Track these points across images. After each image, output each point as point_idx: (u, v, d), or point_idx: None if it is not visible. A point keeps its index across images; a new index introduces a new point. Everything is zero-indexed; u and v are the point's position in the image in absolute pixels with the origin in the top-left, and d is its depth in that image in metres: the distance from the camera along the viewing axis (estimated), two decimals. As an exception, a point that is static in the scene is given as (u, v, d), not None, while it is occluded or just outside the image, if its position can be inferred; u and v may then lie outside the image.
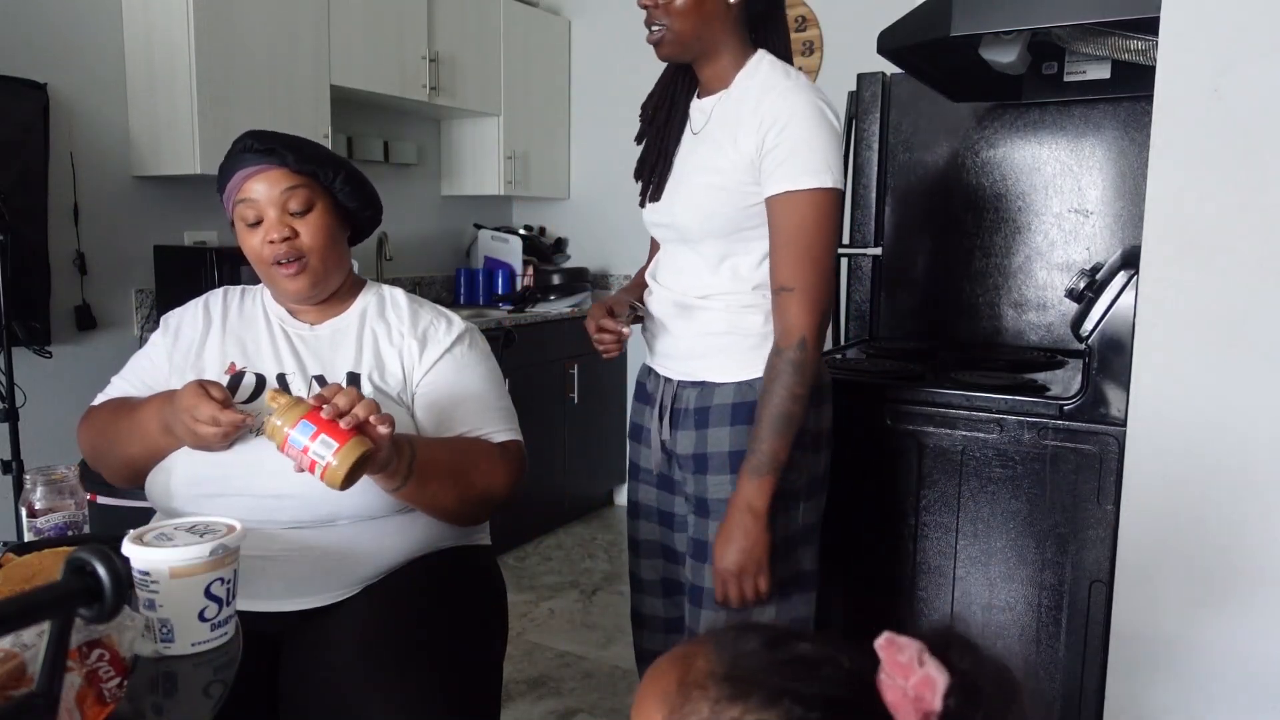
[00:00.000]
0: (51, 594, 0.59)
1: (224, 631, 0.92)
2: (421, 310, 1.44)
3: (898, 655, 0.47)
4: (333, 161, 1.37)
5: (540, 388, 3.46)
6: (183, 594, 0.88)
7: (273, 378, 1.33)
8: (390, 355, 1.37)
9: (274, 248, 1.31)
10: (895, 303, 2.41)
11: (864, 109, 2.38)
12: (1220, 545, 1.36)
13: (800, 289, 1.30)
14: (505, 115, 3.69)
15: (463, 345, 1.41)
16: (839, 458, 1.48)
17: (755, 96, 1.35)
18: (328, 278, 1.38)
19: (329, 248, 1.35)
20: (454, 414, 1.35)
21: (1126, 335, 1.46)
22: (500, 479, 1.31)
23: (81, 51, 2.57)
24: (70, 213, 2.54)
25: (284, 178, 1.31)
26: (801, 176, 1.29)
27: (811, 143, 1.30)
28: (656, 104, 1.50)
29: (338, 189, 1.37)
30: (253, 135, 1.33)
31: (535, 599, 3.01)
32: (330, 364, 1.36)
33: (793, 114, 1.30)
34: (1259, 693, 1.36)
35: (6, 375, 2.15)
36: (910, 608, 1.72)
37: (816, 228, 1.30)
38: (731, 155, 1.35)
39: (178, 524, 0.96)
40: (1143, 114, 2.08)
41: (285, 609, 1.23)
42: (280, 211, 1.31)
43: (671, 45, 1.38)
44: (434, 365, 1.37)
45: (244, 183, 1.32)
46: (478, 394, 1.38)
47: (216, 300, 1.45)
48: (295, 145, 1.33)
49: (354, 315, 1.42)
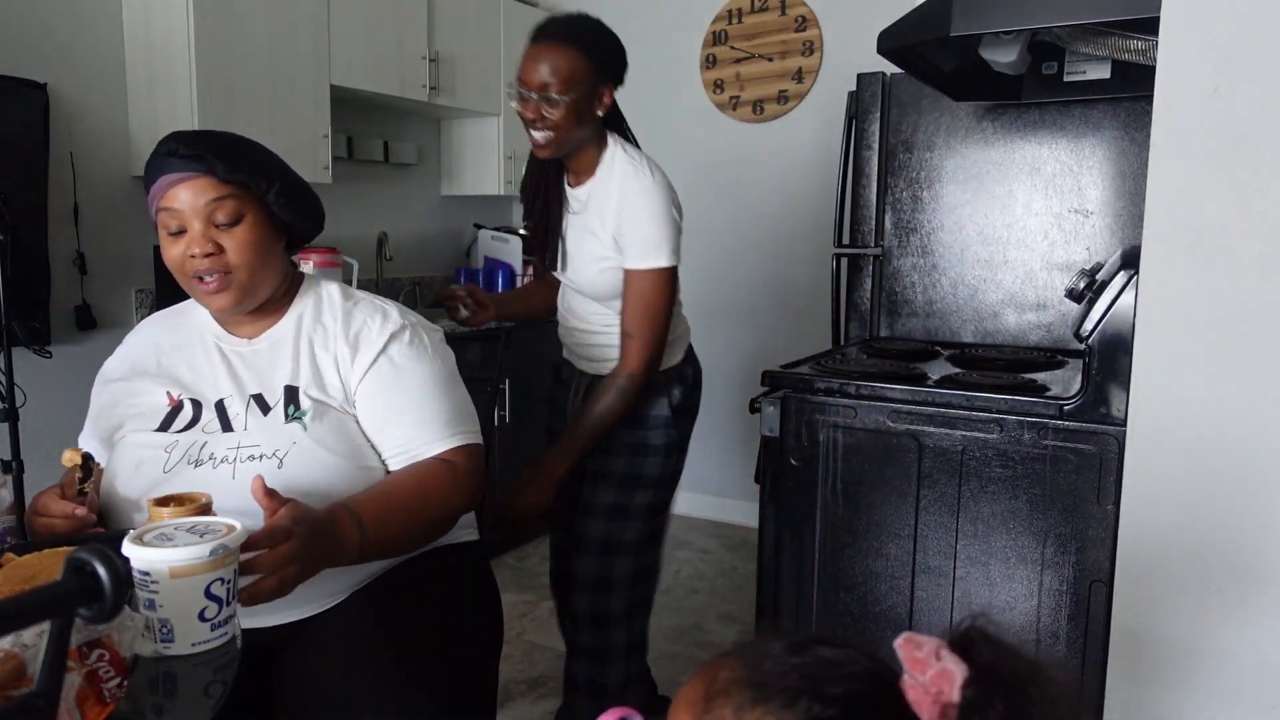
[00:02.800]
0: (51, 594, 0.59)
1: (224, 632, 0.92)
2: (356, 309, 1.34)
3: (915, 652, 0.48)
4: (267, 170, 1.27)
5: (540, 388, 3.46)
6: (183, 594, 0.88)
7: (210, 405, 1.27)
8: (327, 364, 1.29)
9: (195, 262, 1.22)
10: (895, 303, 2.41)
11: (864, 109, 2.38)
12: (1220, 545, 1.36)
13: (638, 337, 1.71)
14: (505, 115, 3.69)
15: (398, 344, 1.31)
16: (839, 458, 1.49)
17: (615, 191, 1.70)
18: (255, 291, 1.28)
19: (257, 262, 1.25)
20: (390, 426, 1.27)
21: (1126, 335, 1.46)
22: (457, 500, 1.26)
23: (81, 51, 2.57)
24: (70, 213, 2.54)
25: (211, 187, 1.21)
26: (644, 258, 1.69)
27: (651, 232, 1.67)
28: (533, 194, 1.84)
29: (272, 200, 1.26)
30: (177, 138, 1.22)
31: (535, 599, 3.00)
32: (269, 380, 1.28)
33: (637, 209, 1.67)
34: (1259, 693, 1.36)
35: (6, 375, 2.14)
36: (910, 608, 1.72)
37: (655, 293, 1.70)
38: (604, 239, 1.72)
39: (178, 524, 0.96)
40: (1143, 114, 2.08)
41: (275, 622, 1.21)
42: (205, 224, 1.21)
43: (554, 148, 1.69)
44: (367, 372, 1.29)
45: (168, 189, 1.21)
46: (415, 401, 1.29)
47: (145, 331, 1.39)
48: (225, 151, 1.23)
49: (290, 323, 1.33)
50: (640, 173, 1.69)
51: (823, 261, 2.67)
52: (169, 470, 1.20)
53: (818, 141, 3.46)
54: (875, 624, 1.75)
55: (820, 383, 1.76)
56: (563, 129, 1.65)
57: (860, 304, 2.44)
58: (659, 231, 1.67)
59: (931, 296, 2.37)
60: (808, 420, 1.76)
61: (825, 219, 3.00)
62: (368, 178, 3.58)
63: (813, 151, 3.49)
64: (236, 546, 0.92)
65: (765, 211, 3.60)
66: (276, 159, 1.32)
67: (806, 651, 0.51)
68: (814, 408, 1.75)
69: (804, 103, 3.53)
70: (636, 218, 1.67)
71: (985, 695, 0.46)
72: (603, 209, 1.71)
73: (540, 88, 1.62)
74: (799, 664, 0.50)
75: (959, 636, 0.50)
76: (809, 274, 3.45)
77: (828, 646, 0.51)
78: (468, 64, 3.53)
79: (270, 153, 1.32)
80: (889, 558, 1.72)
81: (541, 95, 1.63)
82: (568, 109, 1.63)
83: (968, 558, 1.66)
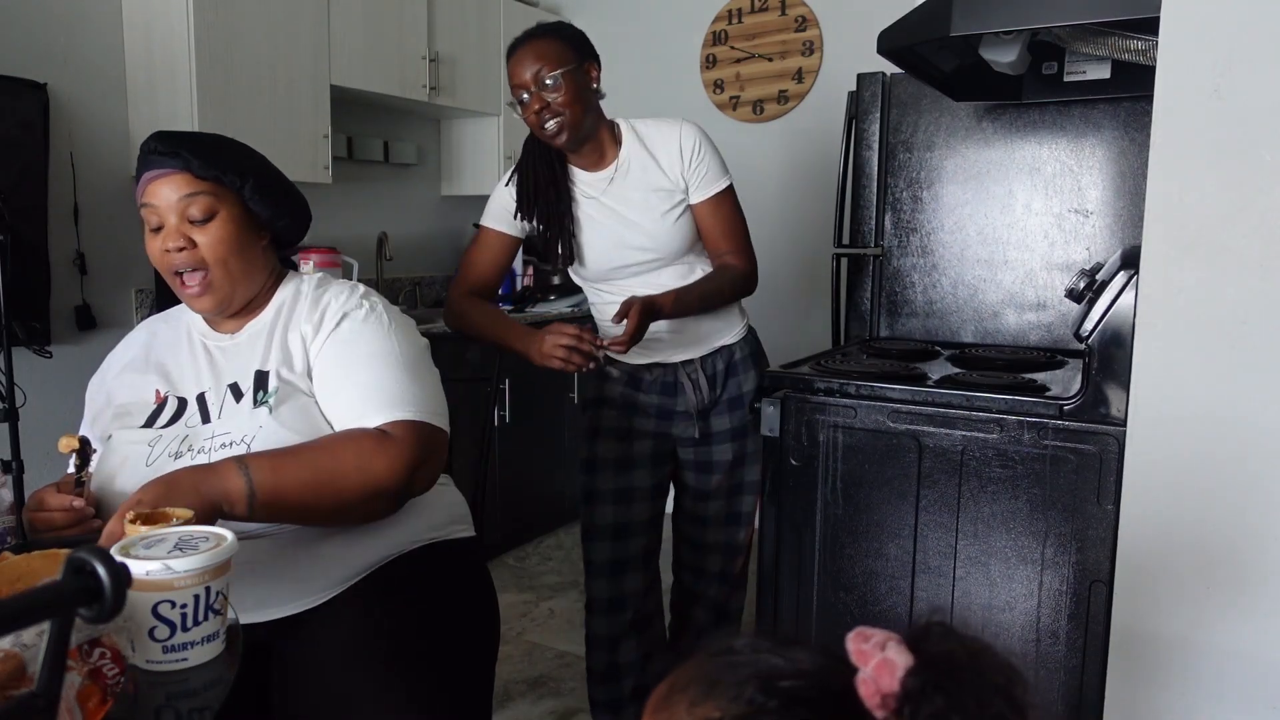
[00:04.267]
0: (51, 594, 0.59)
1: (181, 657, 0.88)
2: (326, 291, 1.37)
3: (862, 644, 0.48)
4: (240, 167, 1.29)
5: (540, 388, 3.46)
6: (134, 608, 0.85)
7: (193, 398, 1.30)
8: (295, 342, 1.31)
9: (170, 256, 1.26)
10: (895, 303, 2.41)
11: (864, 109, 2.38)
12: (1221, 545, 1.36)
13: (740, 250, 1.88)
14: (505, 115, 3.69)
15: (352, 322, 1.31)
16: (839, 458, 1.49)
17: (660, 142, 1.81)
18: (234, 291, 1.31)
19: (233, 258, 1.28)
20: (337, 396, 1.26)
21: (1126, 335, 1.45)
22: (379, 465, 1.17)
23: (81, 51, 2.57)
24: (70, 213, 2.54)
25: (186, 183, 1.25)
26: (719, 179, 1.84)
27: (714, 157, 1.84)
28: (536, 187, 1.83)
29: (247, 196, 1.30)
30: (157, 136, 1.27)
31: (535, 599, 3.01)
32: (244, 369, 1.30)
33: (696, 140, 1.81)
34: (1259, 692, 1.36)
35: (6, 375, 2.14)
36: (910, 608, 1.72)
37: (737, 208, 1.88)
38: (671, 184, 1.80)
39: (182, 532, 0.95)
40: (1143, 114, 2.08)
41: (265, 618, 1.21)
42: (179, 219, 1.26)
43: (570, 131, 1.72)
44: (325, 345, 1.30)
45: (148, 185, 1.27)
46: (362, 373, 1.27)
47: (141, 332, 1.43)
48: (201, 149, 1.26)
49: (270, 313, 1.36)
50: (669, 120, 1.85)
51: (823, 261, 2.67)
52: (151, 464, 1.21)
53: (818, 141, 3.46)
54: (875, 624, 1.75)
55: (820, 383, 1.76)
56: (570, 109, 1.70)
57: (860, 304, 2.44)
58: (717, 155, 1.84)
59: (931, 296, 2.37)
60: (808, 420, 1.76)
61: (825, 219, 3.00)
62: (368, 178, 3.58)
63: (813, 151, 3.49)
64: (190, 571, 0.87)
65: (765, 211, 3.59)
66: (257, 156, 1.35)
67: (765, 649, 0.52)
68: (814, 408, 1.75)
69: (804, 103, 3.53)
70: (699, 149, 1.81)
71: (924, 685, 0.46)
72: (651, 164, 1.81)
73: (534, 78, 1.69)
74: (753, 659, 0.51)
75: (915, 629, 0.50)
76: (809, 274, 3.45)
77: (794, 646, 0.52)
78: (468, 64, 3.53)
79: (251, 151, 1.35)
80: (889, 558, 1.72)
81: (538, 85, 1.69)
82: (567, 86, 1.69)
83: (968, 558, 1.66)
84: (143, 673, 0.87)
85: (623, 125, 1.84)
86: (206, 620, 0.90)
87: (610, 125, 1.83)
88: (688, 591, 2.06)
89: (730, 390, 1.92)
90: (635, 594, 1.96)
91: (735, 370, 1.92)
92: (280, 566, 1.22)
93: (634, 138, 1.83)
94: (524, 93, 1.71)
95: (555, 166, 1.83)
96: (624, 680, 1.99)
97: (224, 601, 0.92)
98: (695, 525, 2.00)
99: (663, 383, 1.91)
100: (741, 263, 1.87)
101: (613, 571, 1.94)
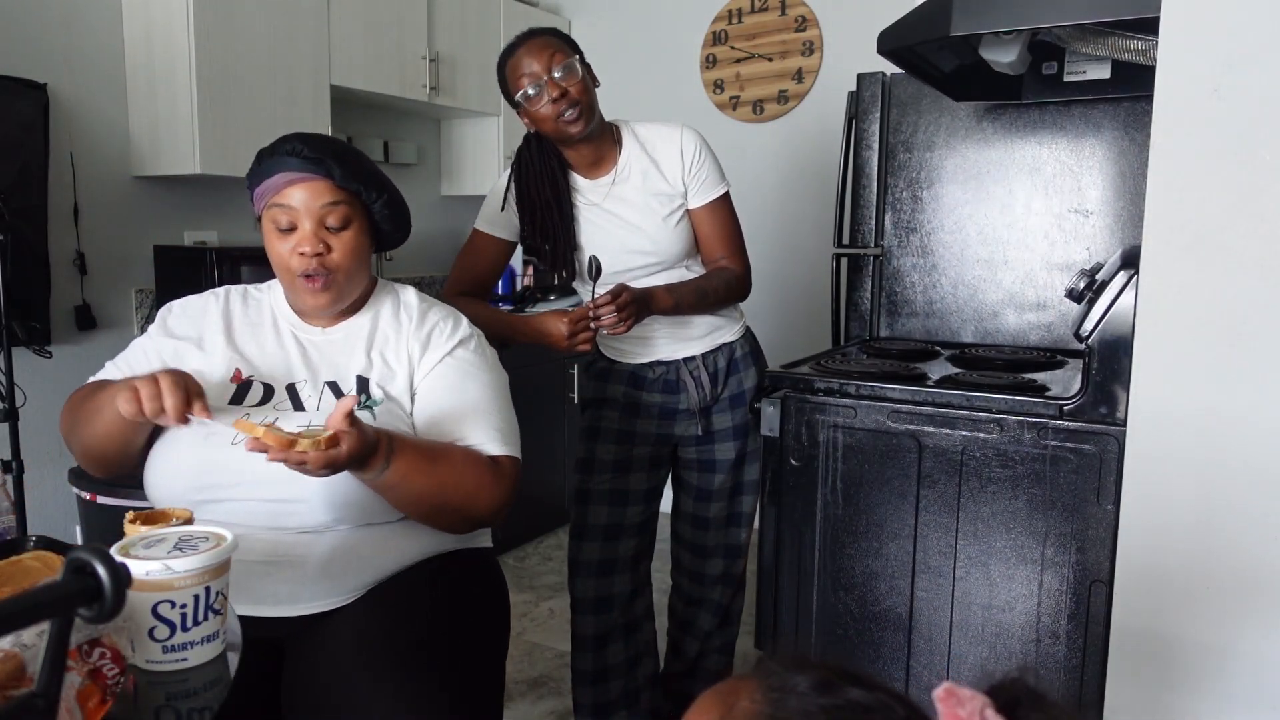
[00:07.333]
0: (51, 594, 0.59)
1: (181, 658, 0.88)
2: (431, 311, 1.41)
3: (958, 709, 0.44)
4: (377, 181, 1.33)
5: (540, 388, 3.46)
6: (134, 607, 0.85)
7: (282, 388, 1.30)
8: (397, 358, 1.34)
9: (304, 260, 1.27)
10: (895, 303, 2.41)
11: (864, 109, 2.38)
12: (1220, 544, 1.36)
13: (736, 254, 1.90)
14: (505, 115, 3.69)
15: (466, 349, 1.37)
16: (839, 458, 1.49)
17: (661, 146, 1.82)
18: (350, 293, 1.35)
19: (356, 266, 1.32)
20: (448, 421, 1.30)
21: (1126, 335, 1.46)
22: (487, 493, 1.25)
23: (81, 51, 2.57)
24: (70, 213, 2.54)
25: (327, 191, 1.27)
26: (718, 184, 1.86)
27: (713, 163, 1.86)
28: (536, 188, 1.81)
29: (377, 210, 1.34)
30: (301, 139, 1.27)
31: (535, 599, 3.01)
32: (344, 370, 1.33)
33: (696, 145, 1.83)
34: (1260, 692, 1.36)
35: (6, 375, 2.15)
36: (910, 608, 1.72)
37: (733, 214, 1.90)
38: (670, 189, 1.82)
39: (181, 532, 0.95)
40: (1143, 114, 2.08)
41: (289, 614, 1.22)
42: (316, 224, 1.28)
43: (587, 118, 1.71)
44: (434, 368, 1.34)
45: (284, 187, 1.27)
46: (475, 402, 1.33)
47: (219, 301, 1.40)
48: (343, 158, 1.29)
49: (367, 318, 1.39)
50: (669, 124, 1.86)
51: (823, 261, 2.67)
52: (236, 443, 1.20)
53: (818, 141, 3.46)
54: (875, 624, 1.75)
55: (820, 383, 1.76)
56: (587, 93, 1.71)
57: (860, 304, 2.44)
58: (716, 161, 1.87)
59: (931, 296, 2.37)
60: (808, 420, 1.76)
61: (825, 219, 3.00)
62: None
63: (813, 151, 3.49)
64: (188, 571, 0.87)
65: (765, 212, 3.60)
66: (382, 172, 1.38)
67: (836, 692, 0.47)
68: (814, 408, 1.75)
69: (804, 103, 3.53)
70: (700, 154, 1.83)
71: None
72: (651, 168, 1.82)
73: (547, 66, 1.68)
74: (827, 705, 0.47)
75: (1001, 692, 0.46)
76: (809, 274, 3.45)
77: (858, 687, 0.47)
78: (468, 64, 3.53)
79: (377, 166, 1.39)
80: (889, 558, 1.72)
81: (555, 72, 1.68)
82: (582, 70, 1.71)
83: (967, 558, 1.66)
84: (142, 673, 0.87)
85: (622, 128, 1.85)
86: (206, 620, 0.90)
87: (611, 127, 1.83)
88: (688, 595, 2.06)
89: (731, 387, 1.92)
90: (623, 595, 1.96)
91: (736, 367, 1.92)
92: (319, 562, 1.23)
93: (634, 141, 1.83)
94: (536, 83, 1.68)
95: (558, 181, 1.81)
96: (611, 683, 1.98)
97: (224, 601, 0.92)
98: (696, 527, 2.00)
99: (665, 381, 1.90)
100: (737, 267, 1.89)
101: (601, 572, 1.94)
